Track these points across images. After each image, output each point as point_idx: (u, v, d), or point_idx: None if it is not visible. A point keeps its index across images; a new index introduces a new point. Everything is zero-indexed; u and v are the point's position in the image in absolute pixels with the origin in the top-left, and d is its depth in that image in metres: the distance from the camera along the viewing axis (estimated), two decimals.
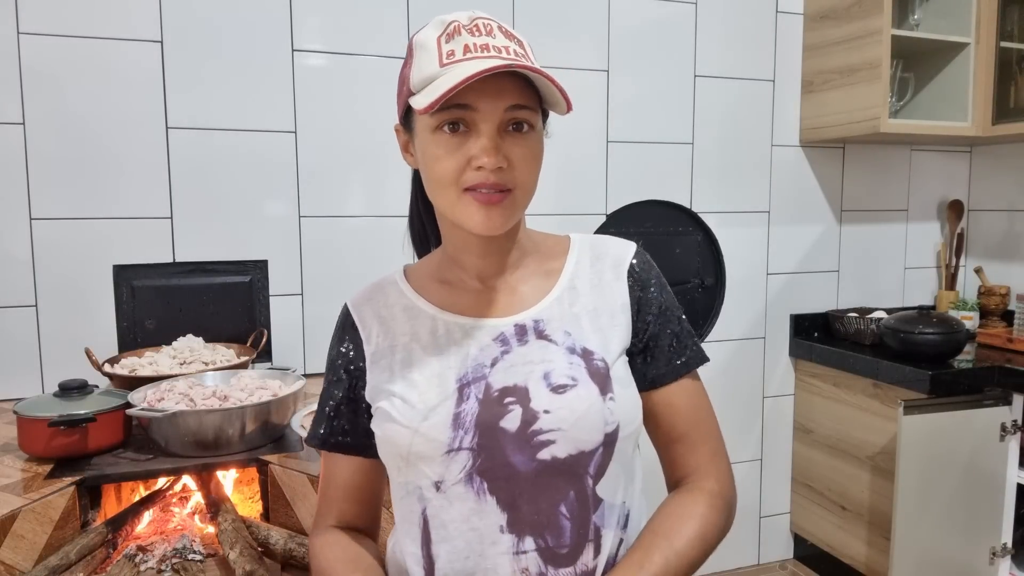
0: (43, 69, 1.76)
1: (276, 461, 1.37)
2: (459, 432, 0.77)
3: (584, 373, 0.80)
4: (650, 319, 0.87)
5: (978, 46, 2.30)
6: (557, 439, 0.77)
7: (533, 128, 0.79)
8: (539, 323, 0.83)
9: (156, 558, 1.29)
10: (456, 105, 0.74)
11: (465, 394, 0.79)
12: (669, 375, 0.87)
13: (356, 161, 2.03)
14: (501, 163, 0.76)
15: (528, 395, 0.78)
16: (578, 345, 0.82)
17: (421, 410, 0.79)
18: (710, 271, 2.44)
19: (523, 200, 0.80)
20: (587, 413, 0.78)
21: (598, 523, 0.79)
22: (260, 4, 1.91)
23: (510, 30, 0.79)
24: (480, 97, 0.74)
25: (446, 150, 0.77)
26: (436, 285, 0.88)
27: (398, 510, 0.85)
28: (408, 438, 0.79)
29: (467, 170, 0.76)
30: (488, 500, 0.78)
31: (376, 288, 0.91)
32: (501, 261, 0.87)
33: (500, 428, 0.77)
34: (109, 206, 1.83)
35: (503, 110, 0.75)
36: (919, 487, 1.98)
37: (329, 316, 0.94)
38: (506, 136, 0.77)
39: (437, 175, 0.78)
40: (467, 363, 0.81)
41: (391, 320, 0.87)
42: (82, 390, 1.43)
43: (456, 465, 0.78)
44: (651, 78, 2.30)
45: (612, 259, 0.89)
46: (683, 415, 0.87)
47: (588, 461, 0.78)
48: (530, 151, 0.78)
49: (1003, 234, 2.62)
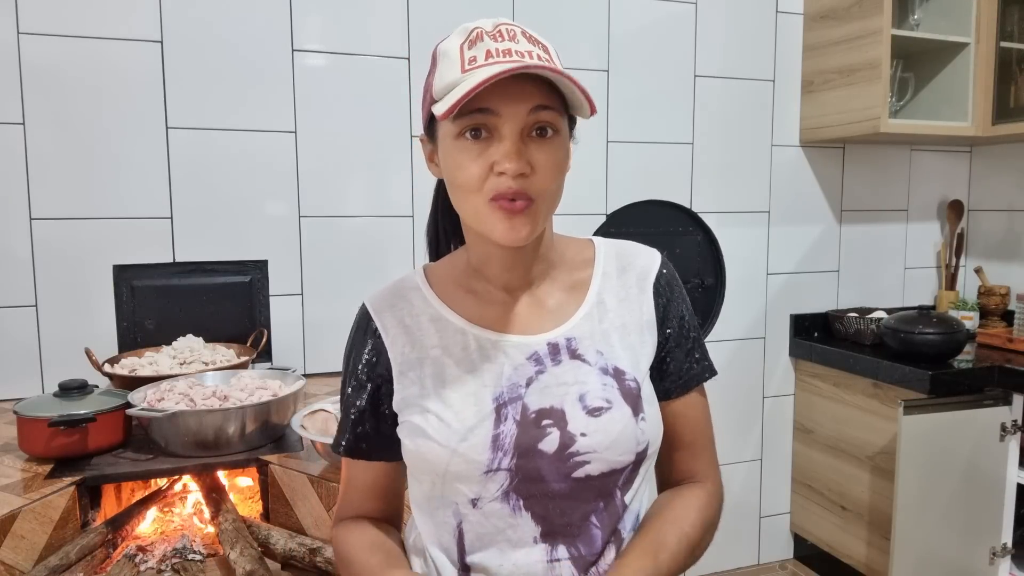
0: (43, 69, 1.76)
1: (276, 461, 1.37)
2: (498, 454, 0.78)
3: (617, 395, 0.81)
4: (670, 332, 0.89)
5: (978, 46, 2.30)
6: (592, 460, 0.79)
7: (558, 133, 0.77)
8: (571, 341, 0.84)
9: (156, 558, 1.29)
10: (478, 110, 0.73)
11: (503, 415, 0.79)
12: (682, 388, 0.89)
13: (356, 161, 2.03)
14: (524, 168, 0.74)
15: (565, 417, 0.80)
16: (610, 365, 0.83)
17: (459, 430, 0.79)
18: (710, 271, 2.44)
19: (547, 209, 0.79)
20: (621, 435, 0.80)
21: (621, 528, 0.83)
22: (260, 4, 1.91)
23: (535, 35, 0.78)
24: (502, 101, 0.73)
25: (469, 157, 0.75)
26: (462, 294, 0.87)
27: (430, 518, 0.85)
28: (446, 457, 0.79)
29: (490, 176, 0.75)
30: (523, 515, 0.79)
31: (397, 293, 0.88)
32: (526, 273, 0.86)
33: (538, 451, 0.78)
34: (109, 206, 1.83)
35: (526, 113, 0.74)
36: (919, 487, 1.98)
37: (329, 316, 0.94)
38: (530, 141, 0.75)
39: (461, 183, 0.77)
40: (502, 382, 0.81)
41: (417, 330, 0.85)
42: (82, 390, 1.43)
43: (493, 484, 0.79)
44: (651, 78, 2.30)
45: (638, 272, 0.89)
46: (690, 426, 0.90)
47: (619, 477, 0.81)
48: (554, 157, 0.77)
49: (1003, 234, 2.62)
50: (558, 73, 0.72)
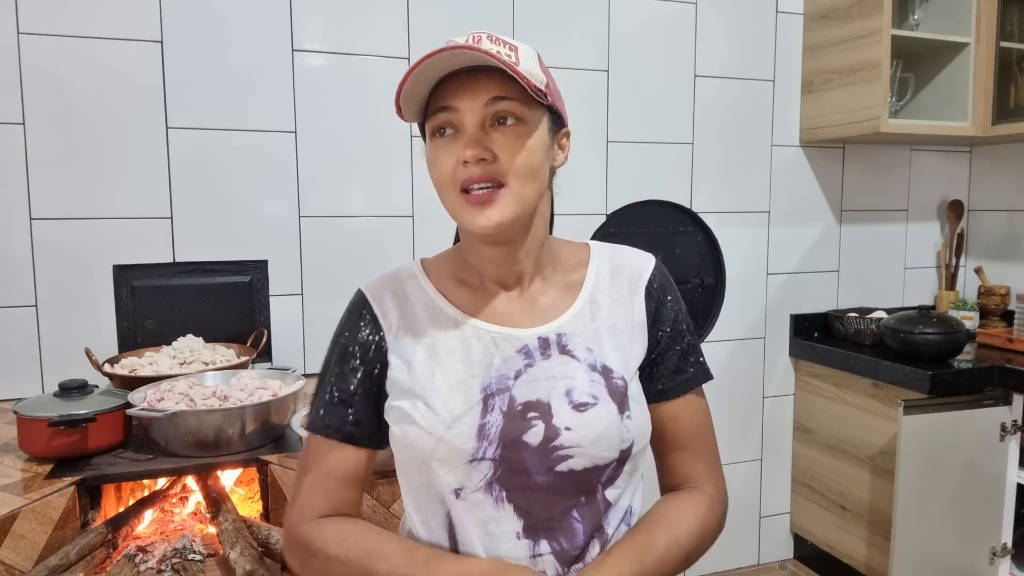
0: (43, 69, 1.76)
1: (276, 461, 1.37)
2: (483, 443, 0.79)
3: (604, 392, 0.82)
4: (662, 335, 0.89)
5: (978, 46, 2.30)
6: (576, 454, 0.80)
7: (521, 120, 0.79)
8: (562, 337, 0.85)
9: (156, 558, 1.29)
10: (441, 109, 0.78)
11: (490, 405, 0.80)
12: (675, 390, 0.90)
13: (356, 161, 2.03)
14: (482, 154, 0.77)
15: (550, 411, 0.80)
16: (599, 363, 0.84)
17: (446, 418, 0.79)
18: (710, 271, 2.44)
19: (520, 194, 0.79)
20: (606, 431, 0.80)
21: (606, 524, 0.83)
22: (260, 4, 1.91)
23: (505, 39, 0.81)
24: (459, 97, 0.78)
25: (440, 153, 0.80)
26: (457, 286, 0.88)
27: (419, 509, 0.85)
28: (431, 445, 0.79)
29: (458, 168, 0.78)
30: (506, 507, 0.80)
31: (394, 280, 0.90)
32: (517, 269, 0.87)
33: (523, 442, 0.79)
34: (109, 206, 1.83)
35: (483, 105, 0.77)
36: (919, 487, 1.98)
37: (329, 316, 0.94)
38: (492, 131, 0.78)
39: (436, 179, 0.81)
40: (491, 373, 0.82)
41: (412, 317, 0.86)
42: (82, 390, 1.43)
43: (477, 474, 0.79)
44: (651, 78, 2.30)
45: (631, 274, 0.91)
46: (686, 428, 0.90)
47: (602, 473, 0.82)
48: (517, 143, 0.78)
49: (1003, 234, 2.62)
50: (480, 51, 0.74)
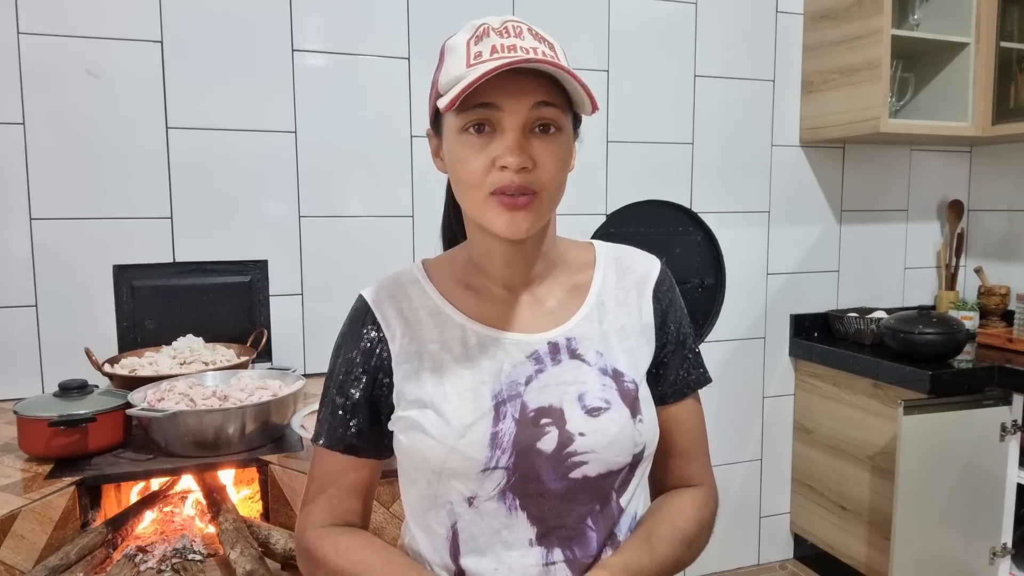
0: (43, 69, 1.76)
1: (276, 461, 1.37)
2: (496, 452, 0.78)
3: (616, 396, 0.82)
4: (667, 339, 0.89)
5: (978, 46, 2.30)
6: (590, 460, 0.79)
7: (560, 130, 0.77)
8: (571, 341, 0.84)
9: (156, 558, 1.29)
10: (481, 105, 0.74)
11: (501, 413, 0.79)
12: (678, 394, 0.90)
13: (356, 161, 2.03)
14: (526, 163, 0.74)
15: (563, 417, 0.79)
16: (609, 366, 0.83)
17: (457, 427, 0.78)
18: (710, 271, 2.44)
19: (549, 204, 0.79)
20: (619, 436, 0.80)
21: (617, 531, 0.83)
22: (260, 4, 1.91)
23: (541, 32, 0.79)
24: (505, 96, 0.74)
25: (472, 151, 0.76)
26: (462, 290, 0.86)
27: (421, 518, 0.84)
28: (443, 454, 0.78)
29: (492, 171, 0.75)
30: (519, 515, 0.79)
31: (396, 285, 0.87)
32: (527, 271, 0.86)
33: (536, 449, 0.78)
34: (109, 206, 1.83)
35: (528, 108, 0.75)
36: (919, 487, 1.98)
37: (329, 316, 0.94)
38: (532, 137, 0.76)
39: (463, 177, 0.78)
40: (501, 379, 0.81)
41: (416, 323, 0.84)
42: (82, 390, 1.43)
43: (490, 483, 0.78)
44: (651, 78, 2.30)
45: (637, 276, 0.90)
46: (685, 432, 0.91)
47: (615, 479, 0.81)
48: (556, 152, 0.77)
49: (1003, 234, 2.62)
50: (560, 68, 0.73)
